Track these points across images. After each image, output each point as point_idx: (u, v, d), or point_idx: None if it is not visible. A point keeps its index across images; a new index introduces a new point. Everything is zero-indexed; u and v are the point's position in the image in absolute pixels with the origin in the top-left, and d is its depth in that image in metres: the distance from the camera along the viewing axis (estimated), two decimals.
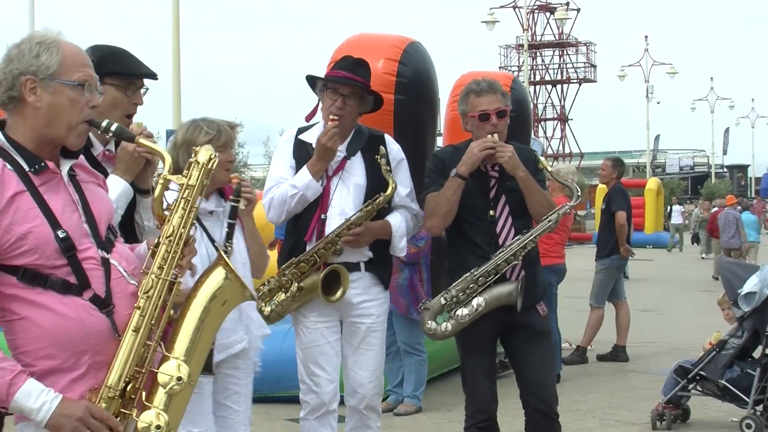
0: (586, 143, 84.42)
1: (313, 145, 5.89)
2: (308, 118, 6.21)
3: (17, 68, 3.38)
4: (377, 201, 5.91)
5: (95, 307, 3.38)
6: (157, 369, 3.42)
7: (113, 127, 3.57)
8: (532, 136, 49.78)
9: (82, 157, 3.65)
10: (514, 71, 63.77)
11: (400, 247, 6.10)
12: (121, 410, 3.36)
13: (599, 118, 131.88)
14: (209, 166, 3.64)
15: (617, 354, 12.60)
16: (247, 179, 5.67)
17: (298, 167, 5.95)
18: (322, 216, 5.92)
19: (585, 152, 69.11)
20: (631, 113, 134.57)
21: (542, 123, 70.37)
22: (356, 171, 5.99)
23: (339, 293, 5.89)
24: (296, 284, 5.90)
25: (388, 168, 5.97)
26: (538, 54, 70.32)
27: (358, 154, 6.01)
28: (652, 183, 40.19)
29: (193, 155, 3.67)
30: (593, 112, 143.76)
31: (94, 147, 4.57)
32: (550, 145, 70.14)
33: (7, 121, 3.46)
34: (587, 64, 70.38)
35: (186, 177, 3.60)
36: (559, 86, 70.55)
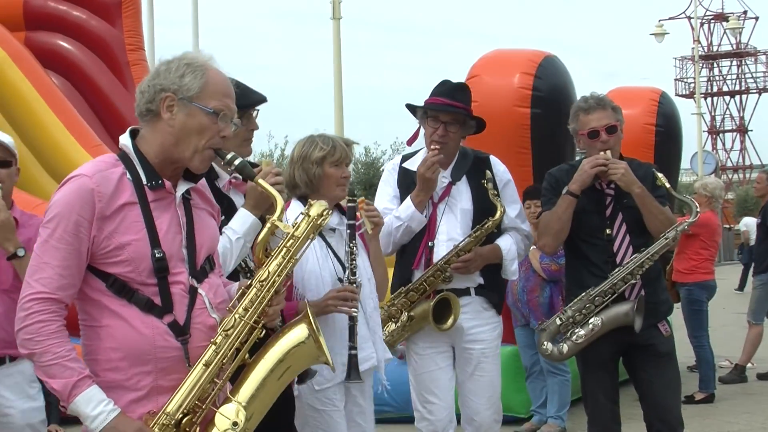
0: None
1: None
2: (410, 142, 6.16)
3: (161, 84, 3.49)
4: (486, 226, 5.85)
5: (171, 333, 3.42)
6: (217, 409, 3.42)
7: (237, 162, 3.63)
8: (709, 149, 48.45)
9: (203, 182, 3.73)
10: (690, 83, 62.47)
11: (512, 270, 6.01)
12: None
13: None
14: (318, 222, 3.66)
15: None
16: (372, 203, 5.63)
17: (403, 195, 5.92)
18: (430, 243, 5.88)
19: (766, 163, 67.12)
20: None
21: (720, 135, 68.64)
22: (462, 196, 5.93)
23: (450, 321, 5.83)
24: (407, 314, 5.86)
25: (495, 192, 5.90)
26: (715, 64, 68.66)
27: (464, 179, 5.95)
28: None
29: (306, 207, 3.70)
30: None
31: (219, 178, 4.62)
32: (729, 157, 68.46)
33: (140, 131, 3.57)
34: (767, 74, 68.37)
35: (294, 227, 3.63)
36: (737, 97, 68.71)
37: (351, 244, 5.11)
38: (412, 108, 6.03)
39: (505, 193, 6.01)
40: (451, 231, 5.89)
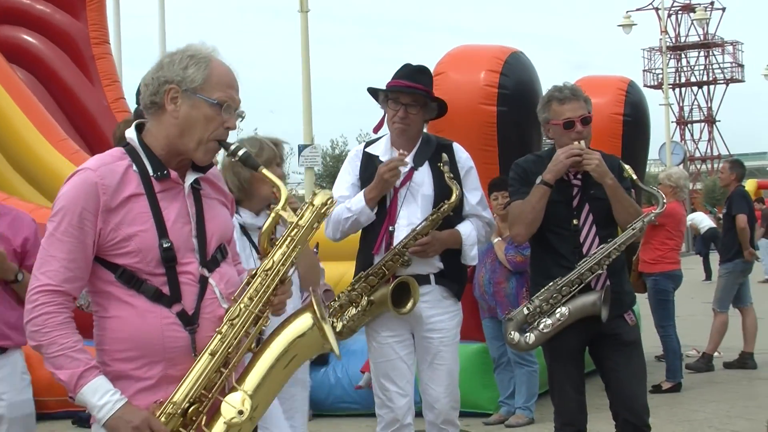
0: (736, 144, 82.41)
1: (381, 158, 5.88)
2: (376, 129, 6.19)
3: (164, 76, 3.51)
4: (442, 209, 5.86)
5: (180, 323, 3.45)
6: (223, 398, 3.43)
7: (241, 152, 3.63)
8: (677, 140, 48.45)
9: (215, 171, 3.75)
10: (658, 74, 62.74)
11: (471, 256, 6.02)
12: (180, 429, 3.40)
13: (748, 119, 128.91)
14: (323, 211, 3.65)
15: (744, 361, 12.25)
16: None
17: (363, 179, 5.94)
18: (390, 228, 5.88)
19: (734, 153, 67.43)
20: None
21: (688, 125, 69.00)
22: (424, 181, 5.93)
23: (409, 305, 5.84)
24: (366, 298, 5.87)
25: (451, 175, 5.88)
26: (683, 55, 68.95)
27: (426, 165, 5.95)
28: None
29: (311, 196, 3.70)
30: (742, 112, 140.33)
31: None
32: (697, 147, 68.83)
33: (146, 124, 3.59)
34: (734, 64, 68.73)
35: (298, 216, 3.63)
36: (705, 87, 69.05)
37: None
38: (374, 92, 6.04)
39: (466, 180, 6.01)
40: (412, 216, 5.88)
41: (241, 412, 3.39)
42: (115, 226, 3.41)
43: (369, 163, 5.99)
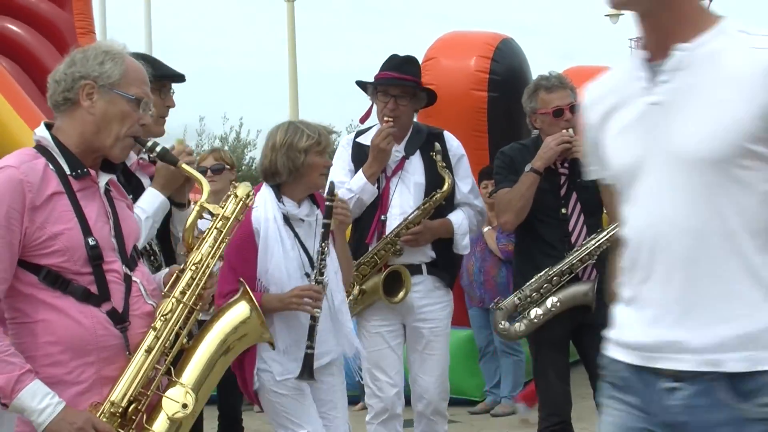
0: None
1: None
2: (362, 119, 6.20)
3: (79, 72, 3.44)
4: (434, 198, 5.86)
5: (111, 321, 3.38)
6: (163, 393, 3.40)
7: (158, 148, 3.64)
8: None
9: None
10: None
11: (463, 245, 6.01)
12: (119, 430, 3.34)
13: None
14: (246, 201, 3.68)
15: None
16: (344, 198, 5.54)
17: (356, 170, 5.92)
18: (382, 217, 5.88)
19: None
20: None
21: None
22: (415, 170, 5.93)
23: (401, 294, 5.84)
24: (358, 287, 5.86)
25: (444, 164, 5.89)
26: None
27: (417, 153, 5.95)
28: None
29: (231, 188, 3.70)
30: None
31: (128, 158, 4.57)
32: None
33: (56, 122, 3.50)
34: None
35: (222, 208, 3.63)
36: None
37: (323, 244, 5.03)
38: (362, 85, 6.05)
39: (458, 168, 6.01)
40: (404, 205, 5.89)
41: (185, 406, 3.38)
42: (40, 224, 3.30)
43: (360, 152, 5.98)
